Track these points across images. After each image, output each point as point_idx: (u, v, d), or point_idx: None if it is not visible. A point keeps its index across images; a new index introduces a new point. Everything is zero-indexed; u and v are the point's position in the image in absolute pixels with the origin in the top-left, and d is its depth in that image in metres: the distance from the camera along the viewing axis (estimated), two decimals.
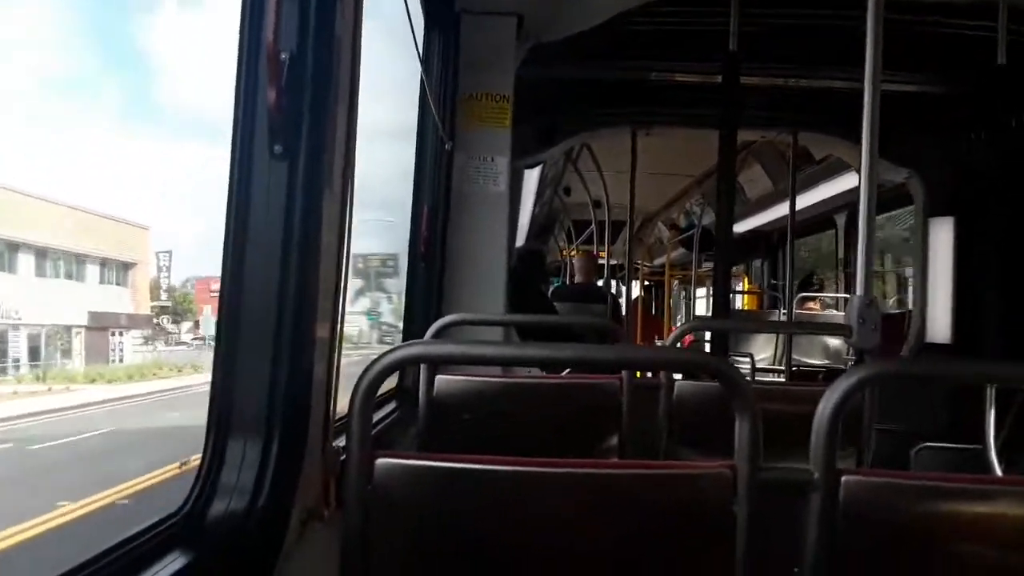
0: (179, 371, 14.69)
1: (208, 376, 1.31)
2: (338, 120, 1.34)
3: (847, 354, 5.82)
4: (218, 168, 1.31)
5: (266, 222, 1.28)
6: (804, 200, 6.05)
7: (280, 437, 1.26)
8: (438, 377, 2.20)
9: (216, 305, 1.43)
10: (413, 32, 2.50)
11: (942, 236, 4.63)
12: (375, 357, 1.24)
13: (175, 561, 1.09)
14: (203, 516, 1.21)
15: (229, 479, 1.23)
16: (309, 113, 1.28)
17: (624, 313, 6.34)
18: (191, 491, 1.22)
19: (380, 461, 1.21)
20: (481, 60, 3.25)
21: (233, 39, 1.26)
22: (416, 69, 2.79)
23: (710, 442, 1.47)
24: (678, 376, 2.53)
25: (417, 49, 2.65)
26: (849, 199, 6.42)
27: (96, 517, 6.26)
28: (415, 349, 1.38)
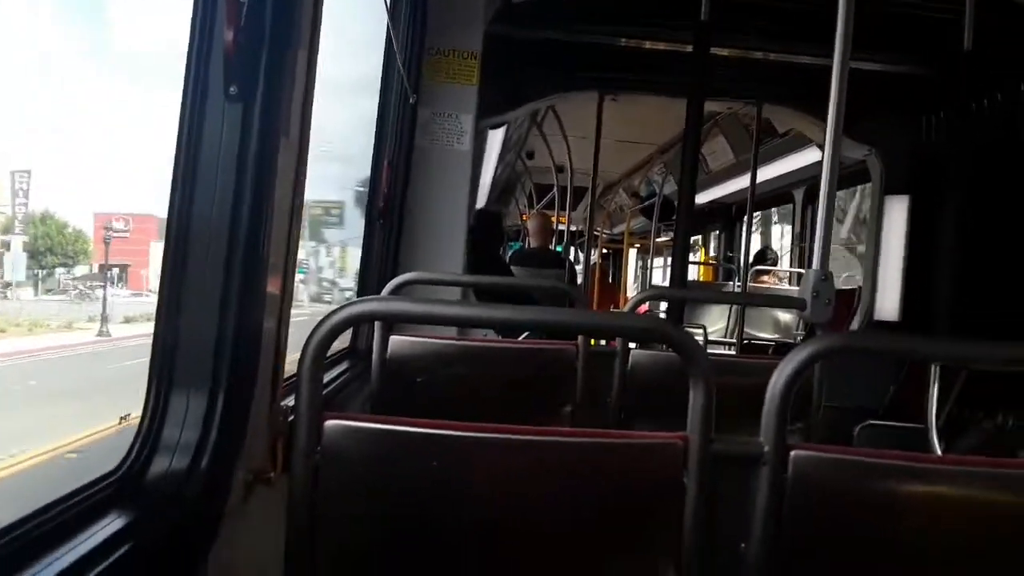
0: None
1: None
2: (298, 63, 1.27)
3: (796, 329, 5.94)
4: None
5: (217, 167, 1.22)
6: (764, 173, 6.09)
7: (226, 395, 1.21)
8: (392, 338, 2.17)
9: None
10: None
11: (896, 214, 4.71)
12: (327, 313, 1.20)
13: (113, 522, 1.04)
14: (143, 475, 1.16)
15: (171, 437, 1.18)
16: (267, 54, 1.21)
17: (582, 280, 6.36)
18: (130, 448, 1.17)
19: (329, 423, 1.18)
20: (450, 15, 3.17)
21: None
22: (382, 18, 2.70)
23: (663, 412, 1.47)
24: (633, 345, 2.53)
25: (385, 3, 2.56)
26: (808, 175, 6.50)
27: None
28: (369, 305, 1.34)
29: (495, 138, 5.43)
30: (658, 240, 8.90)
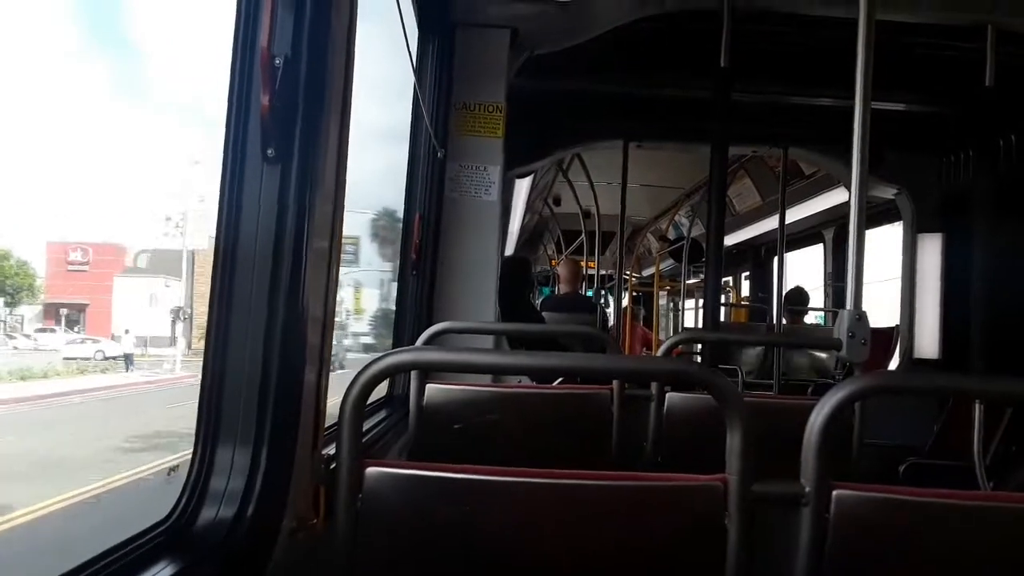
0: None
1: None
2: (331, 124, 1.33)
3: (835, 369, 5.84)
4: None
5: (257, 225, 1.27)
6: (793, 214, 6.09)
7: (269, 444, 1.25)
8: (428, 386, 2.19)
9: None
10: (407, 41, 2.50)
11: (929, 252, 4.68)
12: (365, 364, 1.23)
13: (163, 570, 1.07)
14: (192, 524, 1.19)
15: (218, 486, 1.21)
16: (302, 117, 1.27)
17: (613, 323, 6.34)
18: (179, 498, 1.20)
19: (370, 470, 1.20)
20: (475, 70, 3.26)
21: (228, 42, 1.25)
22: (409, 77, 2.79)
23: (701, 455, 1.46)
24: (668, 387, 2.52)
25: (411, 58, 2.65)
26: (837, 214, 6.47)
27: None
28: (405, 356, 1.37)
29: (522, 186, 5.51)
30: (688, 282, 8.87)
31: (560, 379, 3.05)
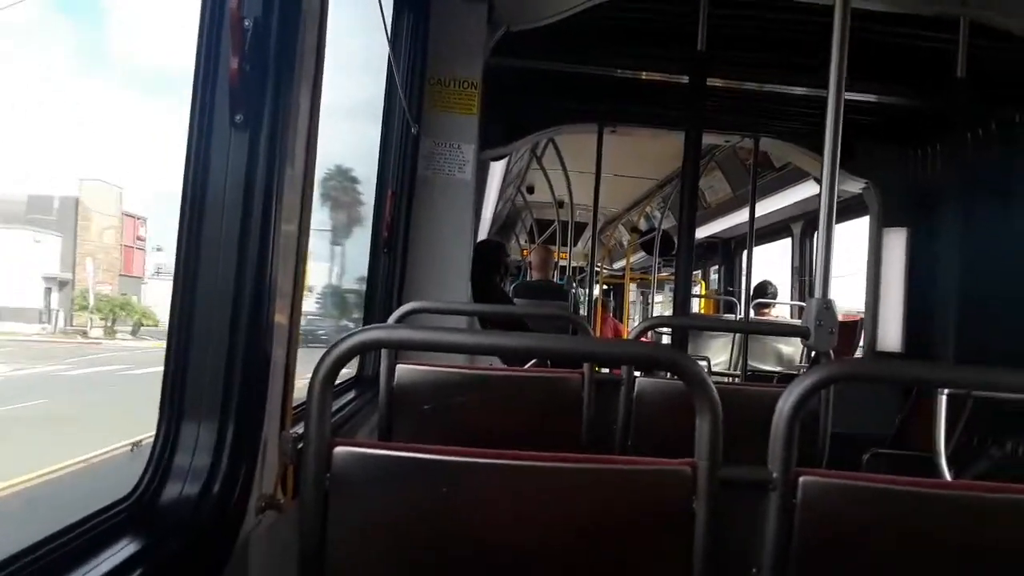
0: None
1: None
2: (302, 91, 1.29)
3: (800, 362, 5.92)
4: None
5: (225, 195, 1.23)
6: (762, 208, 6.14)
7: (236, 422, 1.21)
8: (399, 366, 2.16)
9: None
10: (382, 12, 2.45)
11: (895, 246, 4.74)
12: (334, 341, 1.20)
13: (126, 547, 1.03)
14: (155, 501, 1.15)
15: (183, 463, 1.18)
16: (272, 83, 1.23)
17: (585, 314, 6.36)
18: (143, 474, 1.16)
19: (339, 449, 1.17)
20: (450, 45, 3.22)
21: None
22: (383, 51, 2.74)
23: (670, 439, 1.46)
24: (637, 373, 2.53)
25: (386, 31, 2.60)
26: (806, 208, 6.54)
27: None
28: (375, 333, 1.34)
29: (495, 171, 5.48)
30: (659, 275, 8.93)
31: (531, 363, 3.04)
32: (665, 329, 5.23)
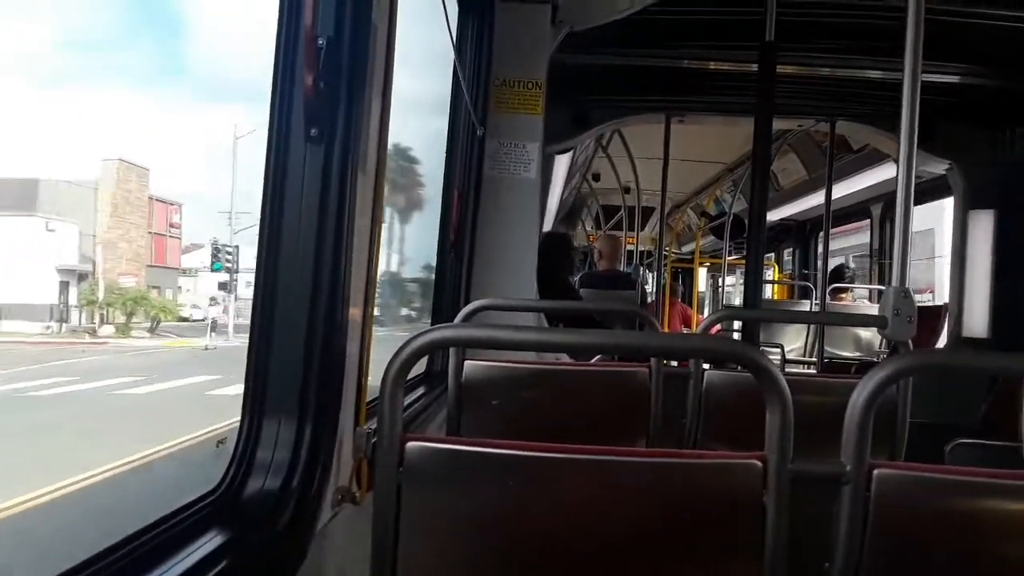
0: None
1: None
2: (372, 104, 1.35)
3: (880, 347, 5.74)
4: None
5: (302, 203, 1.30)
6: (839, 190, 5.96)
7: (314, 418, 1.28)
8: (467, 362, 2.21)
9: None
10: (447, 18, 2.49)
11: (981, 229, 4.54)
12: (405, 340, 1.25)
13: (213, 539, 1.11)
14: (240, 494, 1.23)
15: (264, 458, 1.25)
16: (344, 97, 1.29)
17: (652, 301, 6.31)
18: (227, 470, 1.24)
19: (410, 444, 1.22)
20: (514, 46, 3.24)
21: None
22: (449, 55, 2.78)
23: (740, 432, 1.46)
24: (707, 365, 2.51)
25: (451, 35, 2.64)
26: (886, 190, 6.31)
27: None
28: (444, 332, 1.39)
29: (560, 163, 5.48)
30: (729, 259, 8.76)
31: (598, 357, 3.05)
32: None
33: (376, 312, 1.54)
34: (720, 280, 10.55)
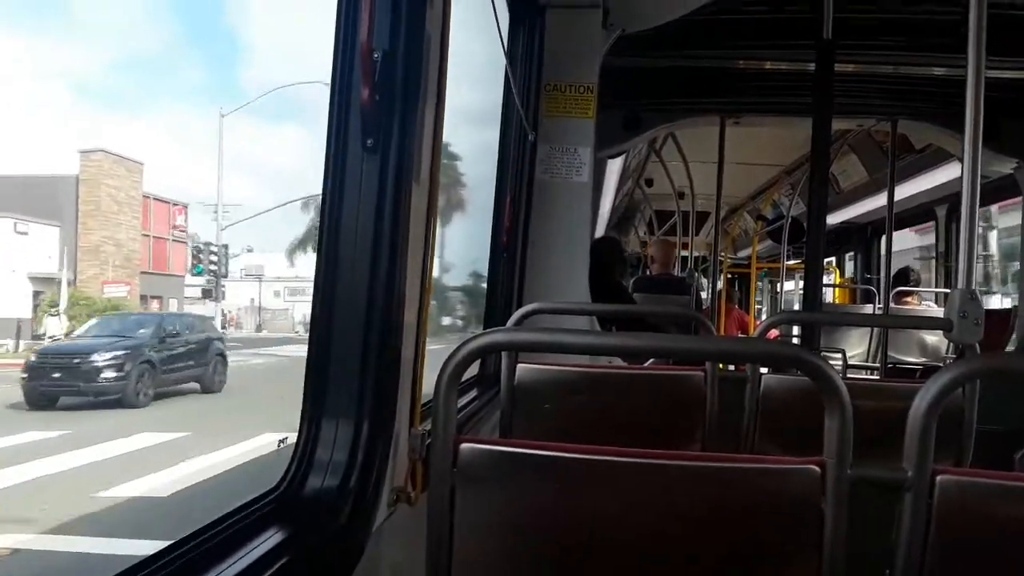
0: None
1: None
2: (426, 115, 1.38)
3: (947, 352, 5.56)
4: None
5: (359, 211, 1.34)
6: (902, 191, 5.80)
7: (370, 420, 1.32)
8: (519, 365, 2.22)
9: None
10: (498, 26, 2.52)
11: None
12: (459, 344, 1.27)
13: (274, 536, 1.15)
14: (300, 493, 1.27)
15: (323, 458, 1.29)
16: (399, 109, 1.33)
17: (708, 306, 6.23)
18: (288, 469, 1.29)
19: (464, 446, 1.24)
20: (565, 51, 3.25)
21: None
22: (500, 60, 2.81)
23: (798, 438, 1.44)
24: (764, 369, 2.47)
25: (502, 42, 2.67)
26: (951, 190, 6.12)
27: None
28: (497, 336, 1.41)
29: (613, 168, 5.47)
30: (788, 264, 8.59)
31: (652, 360, 3.03)
32: None
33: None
34: (779, 286, 10.33)
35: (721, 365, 2.59)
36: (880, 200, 5.94)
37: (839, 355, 4.99)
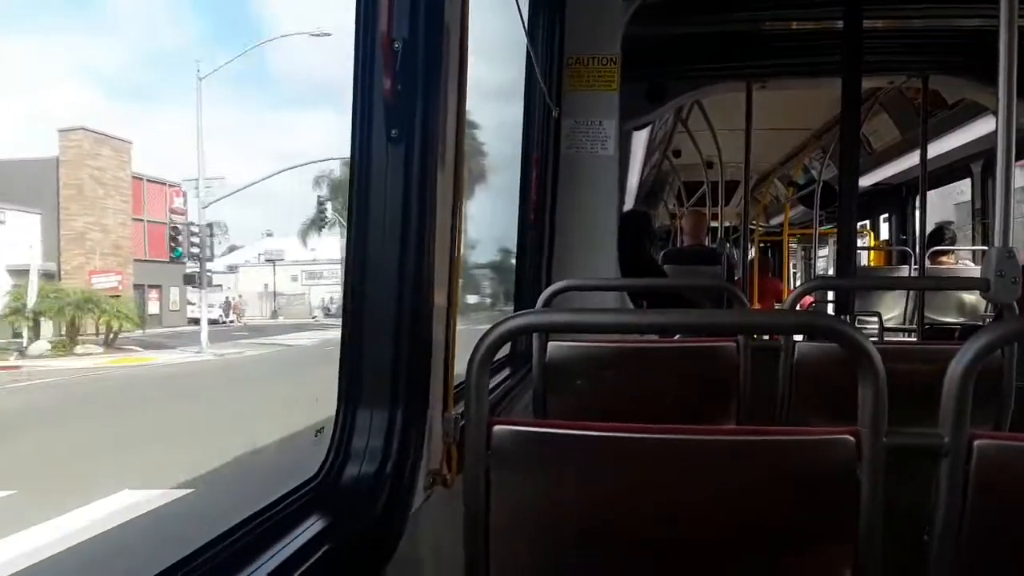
0: None
1: None
2: (448, 103, 1.39)
3: (985, 311, 5.44)
4: None
5: (385, 202, 1.35)
6: (935, 148, 5.66)
7: (404, 405, 1.34)
8: (550, 344, 2.23)
9: None
10: (518, 4, 2.50)
11: None
12: (490, 326, 1.28)
13: (315, 523, 1.18)
14: (338, 480, 1.30)
15: (359, 445, 1.32)
16: (422, 98, 1.34)
17: (740, 276, 6.17)
18: (326, 457, 1.31)
19: (497, 428, 1.25)
20: (587, 24, 3.21)
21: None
22: (521, 38, 2.79)
23: (834, 406, 1.43)
24: (798, 337, 2.45)
25: (522, 19, 2.65)
26: (986, 145, 5.95)
27: None
28: (528, 318, 1.42)
29: (639, 139, 5.41)
30: (821, 230, 8.45)
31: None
32: None
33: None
34: (812, 251, 10.17)
35: (754, 335, 2.57)
36: (913, 159, 5.81)
37: (875, 319, 4.92)
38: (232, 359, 13.44)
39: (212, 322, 17.36)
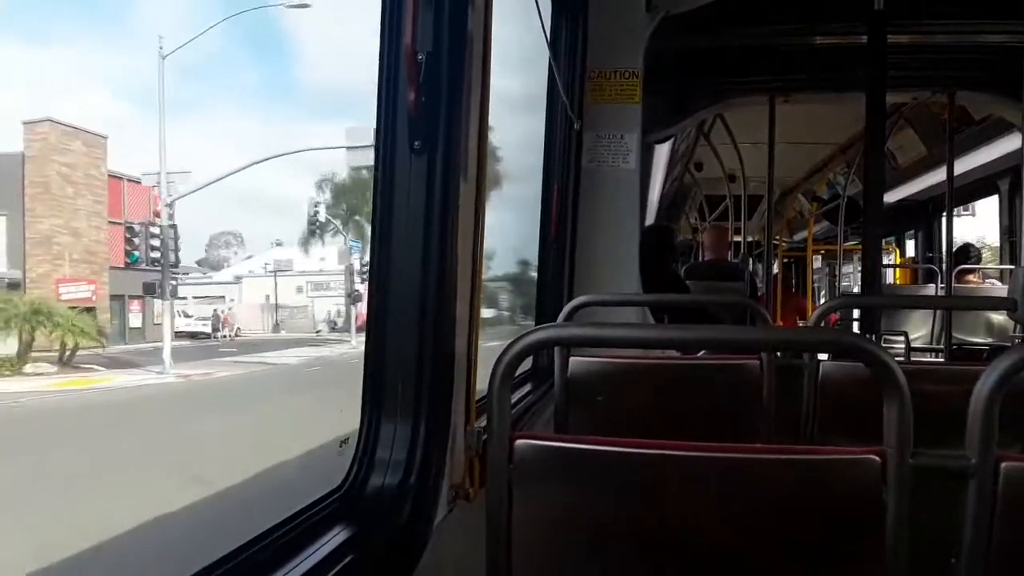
0: None
1: None
2: (471, 115, 1.39)
3: (1014, 331, 5.36)
4: None
5: (408, 214, 1.36)
6: (962, 164, 5.59)
7: (427, 418, 1.34)
8: (572, 359, 2.22)
9: None
10: (540, 15, 2.51)
11: None
12: (511, 341, 1.28)
13: (339, 534, 1.18)
14: (362, 492, 1.30)
15: (383, 457, 1.32)
16: (445, 110, 1.35)
17: (763, 292, 6.12)
18: (350, 469, 1.32)
19: (519, 442, 1.24)
20: (609, 38, 3.22)
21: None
22: (543, 50, 2.80)
23: (859, 426, 1.41)
24: (823, 356, 2.42)
25: (544, 32, 2.66)
26: (1014, 161, 5.88)
27: None
28: (549, 332, 1.41)
29: (661, 153, 5.40)
30: (845, 245, 8.37)
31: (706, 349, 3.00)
32: None
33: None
34: (836, 268, 10.06)
35: (778, 352, 2.54)
36: (939, 175, 5.75)
37: (901, 338, 4.85)
38: (195, 382, 11.64)
39: (199, 336, 16.53)
